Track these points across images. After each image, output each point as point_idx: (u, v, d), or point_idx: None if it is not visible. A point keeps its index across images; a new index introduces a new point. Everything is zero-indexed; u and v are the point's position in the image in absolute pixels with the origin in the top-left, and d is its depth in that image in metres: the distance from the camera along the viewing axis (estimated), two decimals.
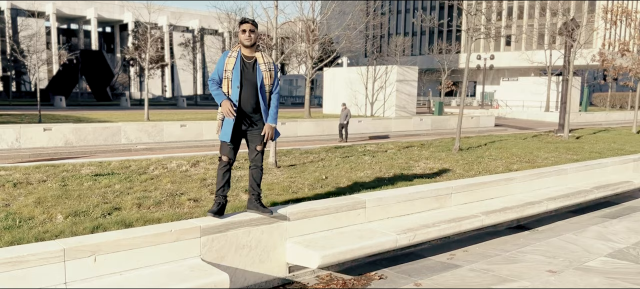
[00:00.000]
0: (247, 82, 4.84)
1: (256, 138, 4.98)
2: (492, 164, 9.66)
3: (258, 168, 5.06)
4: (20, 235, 4.37)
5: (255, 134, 4.98)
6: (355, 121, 23.71)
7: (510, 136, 16.19)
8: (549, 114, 38.41)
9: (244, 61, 4.87)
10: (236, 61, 4.85)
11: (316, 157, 9.97)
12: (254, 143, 5.01)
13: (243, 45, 4.88)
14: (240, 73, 4.83)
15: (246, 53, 4.89)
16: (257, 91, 4.87)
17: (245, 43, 4.84)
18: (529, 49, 65.14)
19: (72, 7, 69.59)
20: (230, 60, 4.86)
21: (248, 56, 4.89)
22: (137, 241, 4.32)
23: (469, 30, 11.34)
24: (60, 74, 53.78)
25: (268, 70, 4.90)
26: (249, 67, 4.87)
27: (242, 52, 4.90)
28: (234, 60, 4.86)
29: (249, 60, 4.89)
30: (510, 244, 6.82)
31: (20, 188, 6.27)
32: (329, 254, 5.05)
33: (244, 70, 4.84)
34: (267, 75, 4.90)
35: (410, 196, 6.43)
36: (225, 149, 4.95)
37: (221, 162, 4.99)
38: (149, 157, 9.26)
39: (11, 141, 14.93)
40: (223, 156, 4.98)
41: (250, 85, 4.85)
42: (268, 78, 4.91)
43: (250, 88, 4.85)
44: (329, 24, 26.86)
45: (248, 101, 4.87)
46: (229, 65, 4.85)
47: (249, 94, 4.85)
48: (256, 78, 4.87)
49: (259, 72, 4.87)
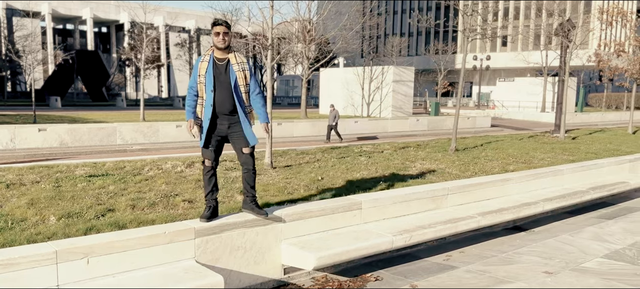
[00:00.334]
0: (221, 85, 4.76)
1: (239, 140, 4.88)
2: (488, 164, 9.65)
3: (249, 171, 4.97)
4: (12, 237, 4.32)
5: (236, 136, 4.88)
6: (352, 122, 23.70)
7: (507, 137, 16.19)
8: (544, 115, 38.48)
9: (216, 64, 4.79)
10: (208, 65, 4.77)
11: (312, 158, 9.93)
12: (238, 145, 4.91)
13: (216, 48, 4.78)
14: (214, 76, 4.75)
15: (219, 55, 4.80)
16: (232, 92, 4.78)
17: (219, 45, 4.75)
18: (525, 49, 65.25)
19: (67, 7, 69.31)
20: (203, 65, 4.78)
21: (220, 58, 4.80)
22: (130, 242, 4.28)
23: (466, 30, 11.34)
24: (55, 74, 53.59)
25: (241, 70, 4.80)
26: (222, 69, 4.78)
27: (215, 54, 4.81)
28: (206, 64, 4.78)
29: (221, 62, 4.79)
30: (506, 245, 6.80)
31: (13, 189, 6.21)
32: (325, 256, 5.02)
33: (216, 73, 4.76)
34: (240, 75, 4.80)
35: (407, 196, 6.40)
36: (207, 152, 4.89)
37: (205, 167, 4.93)
38: (144, 158, 9.21)
39: (6, 142, 14.84)
40: (206, 160, 4.91)
41: (224, 87, 4.76)
42: (242, 78, 4.81)
43: (225, 90, 4.76)
44: (325, 24, 26.84)
45: (224, 104, 4.78)
46: (201, 69, 4.77)
47: (224, 96, 4.77)
48: (229, 79, 4.78)
49: (232, 72, 4.78)
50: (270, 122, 5.27)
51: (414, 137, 21.13)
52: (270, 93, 9.51)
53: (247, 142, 4.86)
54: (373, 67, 33.01)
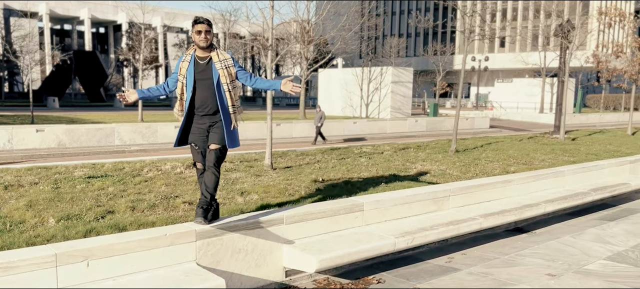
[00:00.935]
0: (202, 84, 4.62)
1: (214, 136, 4.67)
2: (489, 166, 9.61)
3: (210, 170, 4.63)
4: (10, 240, 4.26)
5: (214, 132, 4.68)
6: (351, 123, 23.67)
7: (506, 138, 16.17)
8: (543, 116, 38.51)
9: (198, 63, 4.64)
10: (190, 64, 4.64)
11: (312, 159, 9.89)
12: (210, 141, 4.70)
13: (198, 47, 4.62)
14: (194, 76, 4.61)
15: (200, 54, 4.65)
16: (214, 90, 4.64)
17: (201, 44, 4.58)
18: (523, 50, 65.36)
19: (65, 8, 69.16)
20: (184, 64, 4.65)
21: (202, 57, 4.65)
22: (131, 245, 4.22)
23: (466, 31, 11.30)
24: (53, 74, 53.43)
25: (224, 68, 4.62)
26: (203, 68, 4.64)
27: (197, 53, 4.66)
28: (187, 63, 4.64)
29: (203, 61, 4.65)
30: (508, 247, 6.76)
31: (12, 191, 6.15)
32: (327, 259, 4.97)
33: (197, 72, 4.62)
34: (223, 73, 4.62)
35: (408, 198, 6.36)
36: (195, 155, 4.78)
37: (197, 169, 4.84)
38: (143, 159, 9.15)
39: (3, 143, 14.76)
40: (197, 164, 4.81)
41: (205, 86, 4.62)
42: (225, 76, 4.63)
43: (206, 89, 4.62)
44: (324, 25, 26.80)
45: (205, 103, 4.64)
46: (182, 69, 4.64)
47: (205, 95, 4.62)
48: (212, 77, 4.63)
49: (214, 70, 4.62)
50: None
51: (413, 138, 21.11)
52: (270, 94, 9.47)
53: (217, 139, 4.65)
54: (372, 68, 32.99)
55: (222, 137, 4.65)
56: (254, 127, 19.18)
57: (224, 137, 4.65)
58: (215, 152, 4.64)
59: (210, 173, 4.63)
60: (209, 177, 4.63)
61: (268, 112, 9.32)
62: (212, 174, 4.62)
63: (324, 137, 19.14)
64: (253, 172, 8.08)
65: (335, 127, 22.72)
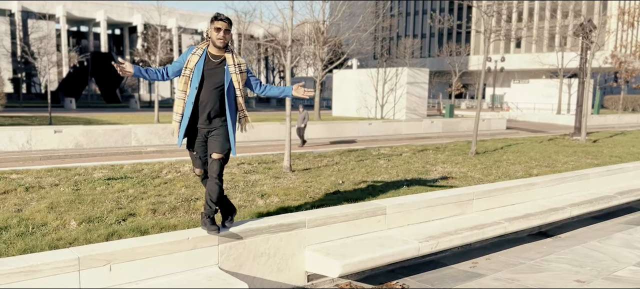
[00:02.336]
0: (210, 83, 4.34)
1: (213, 143, 4.41)
2: (511, 168, 9.44)
3: (213, 180, 4.39)
4: (33, 242, 4.23)
5: (214, 138, 4.41)
6: (366, 124, 23.53)
7: (526, 139, 15.93)
8: (560, 117, 38.02)
9: (209, 60, 4.37)
10: (200, 59, 4.35)
11: (330, 161, 9.79)
12: (210, 149, 4.43)
13: (214, 45, 4.35)
14: (202, 72, 4.33)
15: (214, 52, 4.39)
16: (223, 93, 4.38)
17: (218, 44, 4.32)
18: (539, 51, 64.65)
19: (82, 9, 69.90)
20: (193, 58, 4.35)
21: (215, 55, 4.39)
22: (153, 249, 4.17)
23: (486, 31, 11.13)
24: (70, 75, 54.01)
25: (239, 72, 4.40)
26: (214, 67, 4.36)
27: (210, 50, 4.39)
28: (197, 57, 4.35)
29: (216, 59, 4.38)
30: (533, 252, 6.61)
31: (33, 192, 6.14)
32: (350, 263, 4.87)
33: (206, 70, 4.34)
34: (236, 78, 4.39)
35: (431, 202, 6.24)
36: (194, 160, 4.53)
37: (196, 176, 4.68)
38: (162, 161, 9.13)
39: (22, 143, 14.88)
40: (196, 169, 4.56)
41: (213, 86, 4.35)
42: (238, 81, 4.40)
43: (213, 90, 4.34)
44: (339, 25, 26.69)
45: (208, 104, 4.35)
46: (191, 62, 4.33)
47: (210, 97, 4.34)
48: (223, 80, 4.36)
49: (227, 73, 4.36)
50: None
51: (429, 139, 20.92)
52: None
53: (219, 148, 4.40)
54: (387, 69, 32.82)
55: (223, 144, 4.42)
56: (268, 129, 19.14)
57: (225, 143, 4.42)
58: (219, 161, 4.41)
59: (214, 183, 4.41)
60: (213, 187, 4.41)
61: (287, 114, 9.25)
62: (216, 184, 4.41)
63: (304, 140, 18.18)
64: (272, 175, 8.01)
65: (350, 128, 22.60)
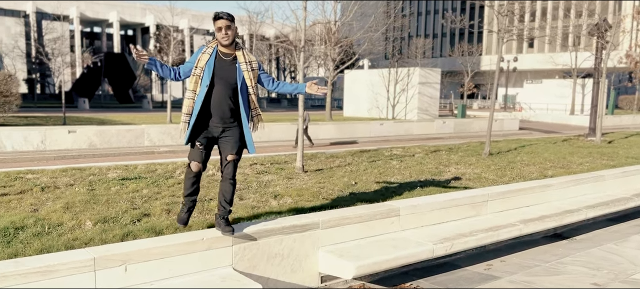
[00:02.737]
0: (222, 82, 4.29)
1: (227, 145, 4.36)
2: (525, 169, 9.35)
3: (228, 181, 4.40)
4: (49, 242, 4.26)
5: (226, 140, 4.36)
6: (377, 124, 23.47)
7: (540, 140, 15.78)
8: (574, 117, 37.64)
9: (220, 58, 4.33)
10: (210, 58, 4.30)
11: (343, 162, 9.77)
12: (225, 151, 4.38)
13: (220, 44, 4.34)
14: (213, 70, 4.28)
15: (224, 50, 4.36)
16: (236, 92, 4.33)
17: (224, 42, 4.29)
18: (552, 50, 64.08)
19: (95, 10, 70.56)
20: (204, 56, 4.30)
21: (226, 53, 4.35)
22: (168, 249, 4.18)
23: (500, 31, 11.04)
24: (84, 76, 54.49)
25: (250, 70, 4.35)
26: (226, 65, 4.32)
27: (220, 48, 4.36)
28: (208, 56, 4.30)
29: (226, 57, 4.34)
30: (549, 254, 6.54)
31: (48, 192, 6.19)
32: (364, 265, 4.85)
33: (218, 68, 4.30)
34: (248, 75, 4.34)
35: (445, 203, 6.20)
36: (195, 153, 4.37)
37: (189, 170, 4.41)
38: (175, 161, 9.16)
39: (37, 143, 15.03)
40: (192, 163, 4.39)
41: (224, 85, 4.29)
42: (250, 79, 4.36)
43: (225, 88, 4.30)
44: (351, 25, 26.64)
45: (220, 103, 4.29)
46: (201, 61, 4.29)
47: (221, 95, 4.29)
48: (235, 78, 4.31)
49: (239, 71, 4.32)
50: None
51: (441, 140, 20.81)
52: (301, 96, 9.37)
53: (234, 149, 4.36)
54: (398, 69, 32.71)
55: (237, 144, 4.38)
56: (279, 129, 19.15)
57: (238, 143, 4.38)
58: (234, 163, 4.39)
59: (229, 184, 4.40)
60: (228, 188, 4.40)
61: (299, 114, 9.25)
62: (230, 185, 4.41)
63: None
64: (285, 175, 8.01)
65: (361, 128, 22.55)
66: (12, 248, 4.11)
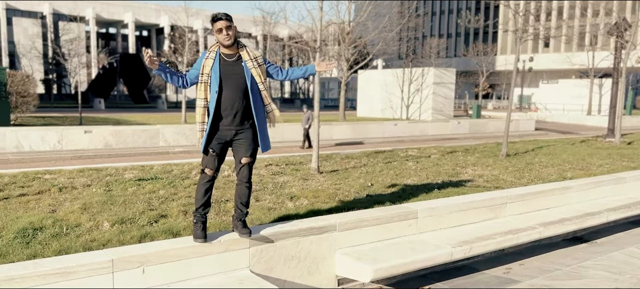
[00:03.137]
0: (231, 84, 4.19)
1: (241, 147, 4.27)
2: (544, 171, 9.21)
3: (244, 184, 4.33)
4: (67, 243, 4.26)
5: (240, 142, 4.27)
6: (391, 124, 23.36)
7: (557, 141, 15.57)
8: (590, 118, 37.17)
9: (224, 60, 4.22)
10: (214, 62, 4.19)
11: (358, 163, 9.71)
12: (239, 154, 4.29)
13: (222, 45, 4.23)
14: (220, 75, 4.17)
15: (226, 51, 4.24)
16: (247, 92, 4.23)
17: (225, 43, 4.18)
18: (568, 50, 63.34)
19: (110, 12, 71.21)
20: (208, 62, 4.19)
21: (229, 54, 4.24)
22: (185, 251, 4.16)
23: (517, 31, 10.89)
24: (99, 77, 55.03)
25: (257, 66, 4.25)
26: (232, 67, 4.21)
27: (222, 51, 4.25)
28: (211, 61, 4.19)
29: (230, 58, 4.23)
30: (569, 257, 6.42)
31: (66, 193, 6.22)
32: (382, 268, 4.79)
33: (224, 72, 4.19)
34: (257, 72, 4.24)
35: (464, 205, 6.11)
36: (209, 160, 4.24)
37: (203, 175, 4.25)
38: (190, 161, 9.17)
39: (53, 143, 15.18)
40: (206, 169, 4.24)
41: (234, 87, 4.19)
42: (259, 75, 4.26)
43: (235, 90, 4.19)
44: (365, 25, 26.56)
45: (232, 107, 4.19)
46: (206, 67, 4.19)
47: (232, 98, 4.18)
48: (244, 77, 4.21)
49: (247, 70, 4.21)
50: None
51: (456, 140, 20.65)
52: (317, 97, 9.33)
53: (248, 151, 4.28)
54: (413, 69, 32.54)
55: (251, 146, 4.30)
56: (292, 129, 19.12)
57: (252, 145, 4.31)
58: (249, 166, 4.32)
59: (245, 187, 4.34)
60: (244, 191, 4.35)
61: (315, 115, 9.21)
62: (246, 187, 4.35)
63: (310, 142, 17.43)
64: (300, 176, 7.97)
65: (375, 129, 22.45)
66: (31, 248, 4.12)
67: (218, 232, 4.67)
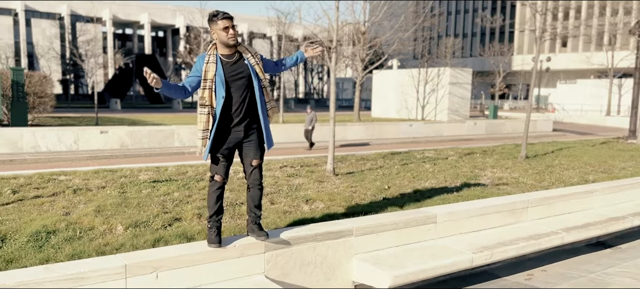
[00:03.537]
0: (237, 87, 4.03)
1: (251, 150, 4.14)
2: (565, 174, 8.99)
3: (256, 187, 4.23)
4: (81, 247, 4.20)
5: (250, 145, 4.14)
6: (406, 125, 23.15)
7: (577, 143, 15.27)
8: (610, 119, 36.56)
9: (225, 62, 4.02)
10: (217, 66, 3.98)
11: (374, 164, 9.58)
12: (249, 157, 4.16)
13: (226, 45, 3.99)
14: (225, 78, 3.98)
15: (225, 52, 4.03)
16: (253, 91, 4.09)
17: (231, 42, 3.97)
18: (586, 50, 62.43)
19: (127, 13, 71.86)
20: (211, 67, 3.96)
21: (228, 54, 4.04)
22: (199, 257, 4.08)
23: (537, 30, 10.67)
24: (115, 77, 55.52)
25: (259, 61, 4.12)
26: (234, 68, 4.03)
27: (221, 52, 4.03)
28: (214, 65, 3.97)
29: (230, 59, 4.04)
30: (593, 264, 6.23)
31: (80, 195, 6.18)
32: (401, 275, 4.66)
33: (228, 75, 4.01)
34: (259, 68, 4.10)
35: (484, 209, 5.95)
36: (219, 166, 4.10)
37: (214, 183, 4.12)
38: (205, 163, 9.11)
39: (70, 143, 15.26)
40: (216, 175, 4.12)
41: (240, 89, 4.03)
42: (261, 71, 4.12)
43: (241, 91, 4.04)
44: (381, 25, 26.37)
45: (240, 108, 4.05)
46: (209, 72, 3.96)
47: (240, 101, 4.04)
48: (249, 76, 4.06)
49: (251, 67, 4.06)
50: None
51: (473, 141, 20.39)
52: (333, 97, 9.20)
53: (257, 153, 4.17)
54: (428, 69, 32.26)
55: (259, 148, 4.19)
56: (300, 130, 18.99)
57: (261, 147, 4.21)
58: (259, 167, 4.21)
59: (257, 190, 4.24)
60: (257, 193, 4.24)
61: (331, 116, 9.09)
62: (259, 190, 4.25)
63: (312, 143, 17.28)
64: (315, 178, 7.86)
65: (390, 129, 22.27)
66: (44, 253, 4.06)
67: (233, 236, 4.58)
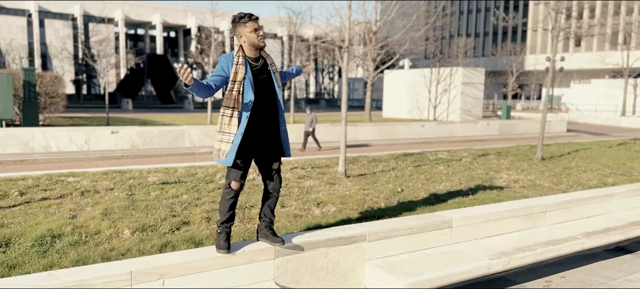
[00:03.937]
0: (264, 93, 3.94)
1: (272, 154, 4.06)
2: (583, 176, 8.76)
3: (276, 192, 4.18)
4: (86, 253, 4.09)
5: (272, 149, 4.07)
6: (418, 125, 22.92)
7: (593, 144, 14.97)
8: (624, 119, 36.02)
9: (253, 65, 3.93)
10: (247, 69, 3.86)
11: (386, 166, 9.41)
12: (270, 161, 4.08)
13: (256, 48, 3.92)
14: (253, 82, 3.88)
15: (252, 55, 3.94)
16: (275, 97, 4.04)
17: (261, 44, 3.91)
18: (600, 49, 61.64)
19: (139, 13, 72.22)
20: (241, 69, 3.83)
21: (255, 58, 3.95)
22: (207, 263, 3.95)
23: (554, 29, 10.44)
24: (127, 77, 55.76)
25: (277, 70, 4.09)
26: (260, 73, 3.95)
27: (248, 54, 3.93)
28: (244, 68, 3.84)
29: (257, 62, 3.96)
30: (613, 270, 6.01)
31: (88, 197, 6.09)
32: (416, 282, 4.49)
33: (256, 78, 3.92)
34: (278, 75, 4.07)
35: (501, 214, 5.77)
36: (238, 173, 3.94)
37: (229, 190, 3.97)
38: (215, 164, 9.00)
39: (81, 143, 15.25)
40: (233, 182, 3.95)
41: (266, 95, 3.95)
42: (278, 79, 4.08)
43: (267, 98, 3.96)
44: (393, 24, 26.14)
45: (267, 116, 3.98)
46: (239, 74, 3.82)
47: (266, 107, 3.97)
48: (273, 83, 4.00)
49: (272, 73, 4.02)
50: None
51: (485, 142, 20.11)
52: (345, 97, 9.05)
53: (278, 157, 4.09)
54: (440, 69, 31.97)
55: (279, 152, 4.11)
56: (317, 130, 18.85)
57: (280, 150, 4.12)
58: (279, 172, 4.15)
59: (277, 194, 4.19)
60: (276, 198, 4.19)
61: (343, 117, 8.93)
62: (277, 197, 4.20)
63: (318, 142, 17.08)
64: (327, 180, 7.71)
65: (402, 130, 22.06)
66: (48, 258, 3.96)
67: (242, 241, 4.45)
